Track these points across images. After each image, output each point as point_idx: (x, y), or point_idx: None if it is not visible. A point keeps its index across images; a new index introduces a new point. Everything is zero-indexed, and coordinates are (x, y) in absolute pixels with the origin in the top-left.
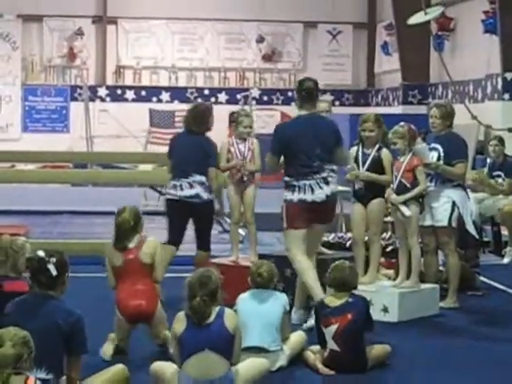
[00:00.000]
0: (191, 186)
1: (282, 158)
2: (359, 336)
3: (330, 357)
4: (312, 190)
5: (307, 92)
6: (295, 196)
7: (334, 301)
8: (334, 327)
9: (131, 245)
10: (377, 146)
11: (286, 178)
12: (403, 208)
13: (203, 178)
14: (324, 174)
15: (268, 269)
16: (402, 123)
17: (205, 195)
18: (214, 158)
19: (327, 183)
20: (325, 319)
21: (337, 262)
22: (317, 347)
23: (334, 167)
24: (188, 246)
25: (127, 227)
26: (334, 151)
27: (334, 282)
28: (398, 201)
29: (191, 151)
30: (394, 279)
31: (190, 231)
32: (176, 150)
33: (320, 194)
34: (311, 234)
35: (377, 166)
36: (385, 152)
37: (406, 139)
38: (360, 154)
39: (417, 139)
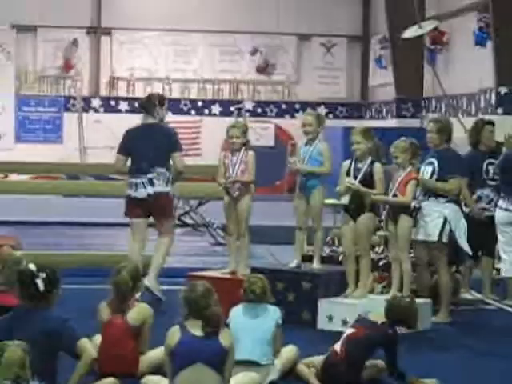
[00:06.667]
0: None
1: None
2: (363, 353)
3: (326, 367)
4: (136, 188)
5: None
6: (127, 191)
7: (373, 315)
8: (348, 331)
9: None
10: (369, 159)
11: (128, 176)
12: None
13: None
14: (150, 175)
15: (261, 285)
16: (403, 138)
17: None
18: None
19: (152, 184)
20: (354, 322)
21: (397, 298)
22: (310, 360)
23: (164, 170)
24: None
25: (125, 288)
26: (171, 156)
27: (389, 314)
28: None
29: None
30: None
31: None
32: None
33: (142, 192)
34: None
35: (368, 181)
36: (377, 166)
37: (408, 153)
38: (352, 167)
39: (419, 154)
